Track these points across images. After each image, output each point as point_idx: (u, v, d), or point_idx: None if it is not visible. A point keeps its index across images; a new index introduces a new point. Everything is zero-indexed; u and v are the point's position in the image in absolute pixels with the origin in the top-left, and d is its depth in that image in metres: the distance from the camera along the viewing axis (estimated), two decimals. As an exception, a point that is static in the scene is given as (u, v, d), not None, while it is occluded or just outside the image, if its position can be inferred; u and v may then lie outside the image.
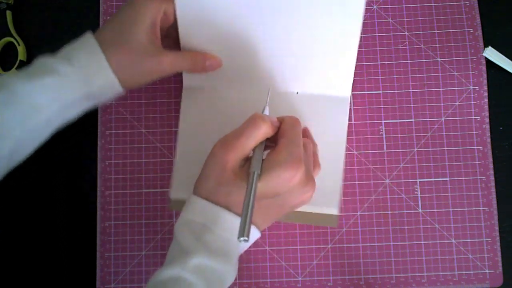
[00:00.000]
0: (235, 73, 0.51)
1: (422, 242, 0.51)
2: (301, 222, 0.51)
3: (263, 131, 0.40)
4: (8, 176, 0.54)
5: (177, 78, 0.53)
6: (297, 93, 0.51)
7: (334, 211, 0.49)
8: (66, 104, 0.43)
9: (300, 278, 0.51)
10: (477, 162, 0.52)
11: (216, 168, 0.40)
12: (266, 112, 0.45)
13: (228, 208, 0.40)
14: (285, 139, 0.40)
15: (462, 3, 0.54)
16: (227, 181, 0.40)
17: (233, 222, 0.39)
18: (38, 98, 0.41)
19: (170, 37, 0.49)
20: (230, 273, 0.41)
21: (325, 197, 0.44)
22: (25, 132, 0.41)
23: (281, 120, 0.43)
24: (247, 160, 0.41)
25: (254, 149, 0.41)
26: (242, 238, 0.35)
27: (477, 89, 0.53)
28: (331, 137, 0.50)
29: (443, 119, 0.53)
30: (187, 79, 0.52)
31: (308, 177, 0.40)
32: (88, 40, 0.44)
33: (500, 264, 0.50)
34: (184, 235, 0.40)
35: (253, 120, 0.40)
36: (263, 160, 0.40)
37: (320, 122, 0.50)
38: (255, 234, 0.42)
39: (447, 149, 0.52)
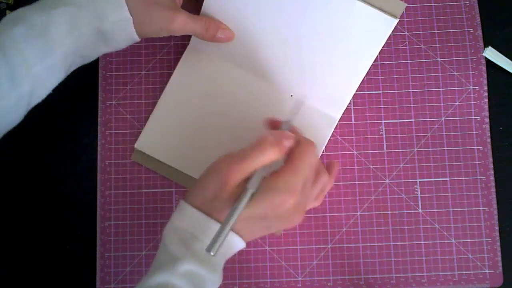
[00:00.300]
0: (241, 56, 0.51)
1: (422, 242, 0.51)
2: None
3: (269, 158, 0.39)
4: (8, 176, 0.54)
5: (168, 80, 0.53)
6: (291, 96, 0.51)
7: None
8: (80, 38, 0.42)
9: (300, 278, 0.51)
10: (477, 162, 0.52)
11: (216, 184, 0.39)
12: (286, 126, 0.44)
13: (219, 221, 0.40)
14: (289, 165, 0.40)
15: (462, 3, 0.54)
16: (224, 198, 0.39)
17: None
18: (55, 29, 0.41)
19: (193, 2, 0.50)
20: (215, 281, 0.41)
21: None
22: (44, 68, 0.41)
23: (297, 141, 0.41)
24: (247, 179, 0.40)
25: None
26: (211, 252, 0.36)
27: (477, 89, 0.53)
28: None
29: (443, 119, 0.53)
30: (194, 41, 0.52)
31: (298, 208, 0.40)
32: None
33: (500, 264, 0.50)
34: (173, 241, 0.40)
35: (260, 146, 0.39)
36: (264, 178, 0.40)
37: (302, 132, 0.50)
38: (239, 244, 0.42)
39: (447, 149, 0.52)
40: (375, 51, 0.47)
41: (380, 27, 0.46)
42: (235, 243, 0.41)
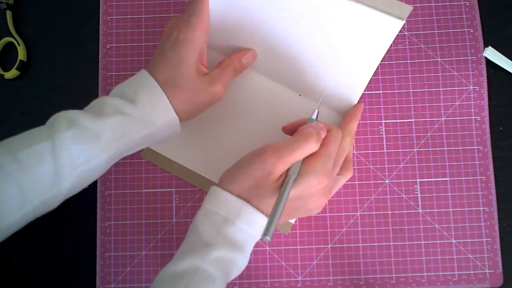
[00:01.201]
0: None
1: (422, 242, 0.51)
2: None
3: (312, 150, 0.43)
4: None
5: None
6: (300, 95, 0.52)
7: (291, 220, 0.51)
8: (129, 144, 0.44)
9: (300, 278, 0.51)
10: (477, 162, 0.52)
11: (261, 173, 0.41)
12: (314, 115, 0.47)
13: (257, 208, 0.42)
14: (325, 149, 0.43)
15: (462, 3, 0.54)
16: (268, 186, 0.42)
17: (255, 215, 0.41)
18: (105, 136, 0.42)
19: None
20: (244, 263, 0.43)
21: None
22: (87, 169, 0.43)
23: (328, 129, 0.45)
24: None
25: None
26: (266, 237, 0.38)
27: (477, 89, 0.53)
28: None
29: (443, 119, 0.53)
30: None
31: (326, 189, 0.43)
32: (148, 81, 0.45)
33: (500, 264, 0.50)
34: (205, 227, 0.41)
35: (307, 142, 0.42)
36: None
37: None
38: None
39: (447, 149, 0.52)
40: (380, 54, 0.47)
41: (385, 30, 0.46)
42: (262, 225, 0.43)
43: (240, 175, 0.42)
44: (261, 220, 0.41)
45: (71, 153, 0.41)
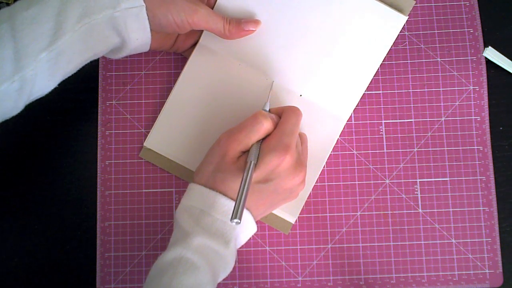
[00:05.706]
0: (250, 55, 0.51)
1: (422, 242, 0.51)
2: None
3: (265, 128, 0.43)
4: (8, 177, 0.54)
5: (178, 78, 0.53)
6: (301, 95, 0.51)
7: (292, 219, 0.51)
8: (91, 26, 0.41)
9: (300, 278, 0.51)
10: (477, 162, 0.52)
11: (217, 156, 0.44)
12: (267, 107, 0.47)
13: (224, 193, 0.42)
14: (278, 129, 0.44)
15: (462, 3, 0.54)
16: (224, 168, 0.42)
17: (229, 206, 0.42)
18: (67, 13, 0.40)
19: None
20: (229, 258, 0.42)
21: (289, 204, 0.48)
22: (51, 56, 0.40)
23: (281, 111, 0.45)
24: (247, 151, 0.44)
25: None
26: (235, 220, 0.38)
27: (477, 89, 0.53)
28: (315, 150, 0.50)
29: (443, 119, 0.53)
30: (204, 39, 0.52)
31: (298, 163, 0.43)
32: None
33: (500, 264, 0.50)
34: (184, 219, 0.42)
35: (255, 117, 0.43)
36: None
37: (310, 131, 0.50)
38: (251, 228, 0.44)
39: (447, 149, 0.52)
40: (384, 50, 0.48)
41: (389, 25, 0.46)
42: (247, 228, 0.43)
43: (203, 164, 0.45)
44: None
45: (32, 33, 0.39)
